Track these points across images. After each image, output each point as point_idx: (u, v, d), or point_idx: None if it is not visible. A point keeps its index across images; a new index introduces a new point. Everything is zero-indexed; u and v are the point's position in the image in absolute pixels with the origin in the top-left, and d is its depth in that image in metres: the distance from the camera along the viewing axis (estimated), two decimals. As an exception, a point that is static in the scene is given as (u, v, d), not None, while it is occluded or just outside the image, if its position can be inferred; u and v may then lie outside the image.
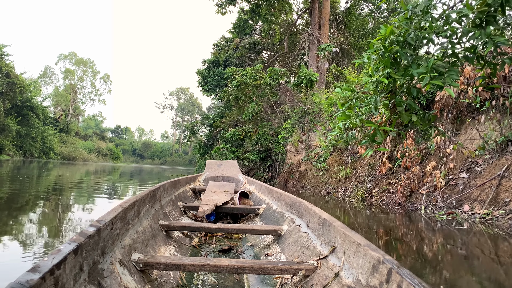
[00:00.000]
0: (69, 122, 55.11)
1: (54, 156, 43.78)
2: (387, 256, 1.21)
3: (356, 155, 7.75)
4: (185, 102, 78.06)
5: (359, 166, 7.54)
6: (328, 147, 8.69)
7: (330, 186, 7.92)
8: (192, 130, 24.88)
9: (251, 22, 25.61)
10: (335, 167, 8.11)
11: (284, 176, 11.30)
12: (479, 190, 4.57)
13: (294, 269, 1.62)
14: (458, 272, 2.47)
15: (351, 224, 4.43)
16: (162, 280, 1.70)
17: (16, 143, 38.19)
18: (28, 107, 39.82)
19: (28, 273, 0.90)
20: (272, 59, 19.92)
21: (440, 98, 5.41)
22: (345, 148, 8.11)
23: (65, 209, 4.45)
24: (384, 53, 2.70)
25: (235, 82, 14.13)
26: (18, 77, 38.13)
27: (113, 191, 7.61)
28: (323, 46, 11.99)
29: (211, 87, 26.82)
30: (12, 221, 3.43)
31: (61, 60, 61.29)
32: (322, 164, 8.51)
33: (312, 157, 9.63)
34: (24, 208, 4.31)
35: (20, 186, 6.66)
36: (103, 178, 12.33)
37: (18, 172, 11.89)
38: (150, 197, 2.44)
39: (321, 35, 18.26)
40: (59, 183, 8.66)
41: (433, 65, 2.53)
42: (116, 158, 58.91)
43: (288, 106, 13.30)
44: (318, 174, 8.65)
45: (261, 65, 14.88)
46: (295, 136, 11.00)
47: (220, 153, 13.68)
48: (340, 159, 8.10)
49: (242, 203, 3.95)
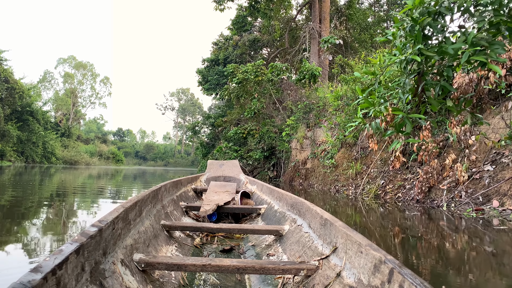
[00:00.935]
0: (70, 126, 54.91)
1: (56, 161, 43.55)
2: (389, 256, 1.20)
3: (366, 150, 7.36)
4: (186, 102, 77.87)
5: (369, 161, 7.15)
6: (336, 143, 8.30)
7: (339, 183, 7.53)
8: (193, 131, 24.51)
9: (250, 19, 25.26)
10: (344, 163, 7.72)
11: (290, 174, 10.92)
12: (509, 184, 4.17)
13: (296, 269, 1.61)
14: (491, 275, 2.09)
15: (363, 224, 4.06)
16: (163, 280, 1.69)
17: (17, 148, 37.96)
18: (28, 112, 39.57)
19: (30, 273, 0.90)
20: (273, 55, 19.51)
21: (459, 86, 5.01)
22: (354, 143, 7.71)
23: (69, 215, 4.30)
24: (413, 27, 2.32)
25: (236, 79, 13.73)
26: (17, 82, 37.88)
27: (117, 195, 7.26)
28: (326, 39, 11.58)
29: (212, 86, 26.48)
30: (15, 229, 3.34)
31: (60, 64, 61.05)
32: (330, 160, 8.12)
33: (319, 153, 9.24)
34: (26, 215, 4.19)
35: (22, 193, 6.53)
36: (105, 182, 11.99)
37: (20, 178, 11.67)
38: (151, 197, 2.44)
39: (322, 29, 17.86)
40: (62, 188, 8.33)
41: (473, 38, 2.14)
42: (119, 161, 58.66)
43: (291, 102, 12.91)
44: (326, 171, 8.26)
45: (263, 60, 14.46)
46: (300, 132, 10.61)
47: (223, 153, 13.30)
48: (349, 155, 7.70)
49: (243, 203, 3.93)
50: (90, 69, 62.56)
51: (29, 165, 35.53)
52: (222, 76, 25.02)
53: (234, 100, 16.23)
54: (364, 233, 3.50)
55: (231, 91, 14.79)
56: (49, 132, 43.72)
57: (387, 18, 29.63)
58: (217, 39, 28.65)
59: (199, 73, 27.77)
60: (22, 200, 5.45)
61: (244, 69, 13.77)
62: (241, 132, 13.30)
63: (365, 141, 7.42)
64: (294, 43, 20.91)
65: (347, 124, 7.77)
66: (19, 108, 38.28)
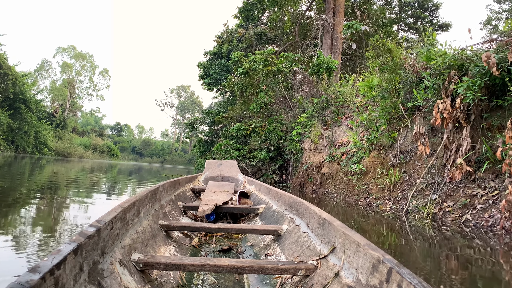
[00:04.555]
0: (66, 118, 53.32)
1: (47, 152, 42.01)
2: (387, 255, 1.20)
3: (407, 154, 5.82)
4: (186, 100, 76.62)
5: (411, 169, 5.61)
6: (364, 145, 6.75)
7: (371, 195, 5.97)
8: (192, 127, 22.94)
9: (256, 13, 23.86)
10: (377, 169, 6.18)
11: (300, 179, 9.37)
12: None
13: (294, 268, 1.61)
14: None
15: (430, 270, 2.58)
16: (162, 280, 1.68)
17: (7, 137, 36.44)
18: (20, 100, 38.01)
19: (28, 273, 0.89)
20: (281, 48, 17.96)
21: None
22: (391, 145, 6.17)
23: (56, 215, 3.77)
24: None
25: (242, 69, 12.17)
26: (10, 69, 36.37)
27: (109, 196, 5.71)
28: (350, 24, 10.03)
29: (213, 80, 25.04)
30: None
31: (59, 54, 59.45)
32: (357, 165, 6.57)
33: (339, 156, 7.70)
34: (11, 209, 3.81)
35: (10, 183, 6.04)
36: (97, 178, 10.41)
37: (8, 168, 10.80)
38: (149, 197, 2.39)
39: (336, 22, 16.45)
40: (48, 183, 6.81)
41: None
42: (114, 156, 57.02)
43: (302, 97, 11.36)
44: (352, 179, 6.70)
45: (273, 48, 12.92)
46: (315, 131, 9.07)
47: (223, 151, 11.71)
48: (384, 160, 6.16)
49: (241, 203, 3.89)
50: (89, 60, 60.97)
51: (19, 154, 34.20)
52: (225, 71, 23.58)
53: (238, 94, 14.67)
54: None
55: (235, 83, 13.20)
56: (42, 122, 42.12)
57: (398, 21, 28.26)
58: (221, 32, 27.24)
59: (200, 67, 26.35)
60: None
61: (251, 58, 12.22)
62: (245, 128, 11.73)
63: (407, 143, 5.87)
64: (305, 37, 19.43)
65: (380, 119, 6.24)
66: (11, 95, 36.68)
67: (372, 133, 6.44)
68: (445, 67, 4.76)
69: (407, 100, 5.95)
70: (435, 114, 4.85)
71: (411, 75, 5.95)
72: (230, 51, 23.75)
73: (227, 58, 23.65)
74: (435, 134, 5.50)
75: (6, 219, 3.29)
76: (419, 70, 5.86)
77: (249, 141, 12.38)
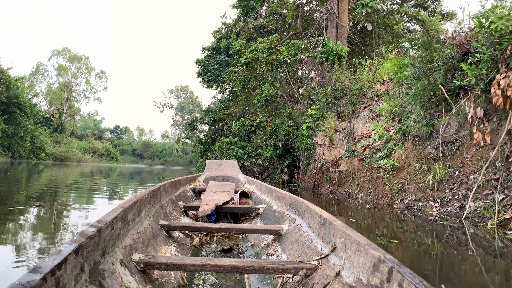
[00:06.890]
0: (63, 121, 52.32)
1: (45, 157, 41.05)
2: (388, 255, 1.18)
3: (451, 144, 4.79)
4: (185, 100, 75.75)
5: (459, 162, 4.58)
6: (393, 136, 5.73)
7: (409, 195, 4.94)
8: (191, 126, 21.92)
9: (255, 5, 22.84)
10: (413, 164, 5.15)
11: (314, 178, 8.34)
12: None
13: (295, 268, 1.59)
14: None
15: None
16: (163, 280, 1.67)
17: (3, 143, 35.46)
18: (15, 104, 36.96)
19: (29, 273, 0.89)
20: (283, 40, 16.93)
21: None
22: (429, 134, 5.14)
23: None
24: None
25: (244, 59, 11.14)
26: (4, 72, 35.40)
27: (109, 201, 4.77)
28: (365, 2, 9.01)
29: (212, 77, 24.04)
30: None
31: (54, 56, 58.39)
32: (386, 161, 5.54)
33: (361, 151, 6.68)
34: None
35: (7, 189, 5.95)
36: (97, 182, 9.41)
37: (4, 174, 10.40)
38: (150, 197, 2.39)
39: (340, 9, 15.44)
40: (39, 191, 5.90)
41: None
42: (113, 159, 56.01)
43: (311, 88, 10.33)
44: (381, 176, 5.67)
45: (278, 35, 11.87)
46: (329, 123, 8.05)
47: (226, 149, 10.68)
48: (421, 153, 5.12)
49: (242, 203, 3.86)
50: (85, 62, 59.95)
51: (16, 160, 33.26)
52: (225, 66, 22.61)
53: (239, 88, 13.64)
54: None
55: (237, 74, 12.15)
56: (38, 126, 41.15)
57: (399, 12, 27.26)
58: (219, 28, 26.24)
59: (198, 63, 25.36)
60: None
61: (254, 47, 11.18)
62: (249, 124, 10.70)
63: (450, 131, 4.84)
64: (307, 27, 18.39)
65: (416, 104, 5.22)
66: (5, 99, 35.67)
67: (404, 122, 5.41)
68: (509, 31, 3.73)
69: (447, 80, 4.93)
70: (494, 92, 3.84)
71: (450, 49, 4.94)
72: (229, 46, 22.75)
73: (226, 53, 22.67)
74: (488, 119, 4.48)
75: (5, 227, 3.17)
76: (462, 43, 4.84)
77: (253, 139, 11.36)
